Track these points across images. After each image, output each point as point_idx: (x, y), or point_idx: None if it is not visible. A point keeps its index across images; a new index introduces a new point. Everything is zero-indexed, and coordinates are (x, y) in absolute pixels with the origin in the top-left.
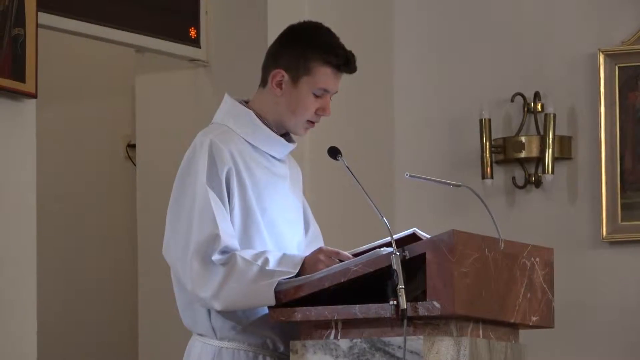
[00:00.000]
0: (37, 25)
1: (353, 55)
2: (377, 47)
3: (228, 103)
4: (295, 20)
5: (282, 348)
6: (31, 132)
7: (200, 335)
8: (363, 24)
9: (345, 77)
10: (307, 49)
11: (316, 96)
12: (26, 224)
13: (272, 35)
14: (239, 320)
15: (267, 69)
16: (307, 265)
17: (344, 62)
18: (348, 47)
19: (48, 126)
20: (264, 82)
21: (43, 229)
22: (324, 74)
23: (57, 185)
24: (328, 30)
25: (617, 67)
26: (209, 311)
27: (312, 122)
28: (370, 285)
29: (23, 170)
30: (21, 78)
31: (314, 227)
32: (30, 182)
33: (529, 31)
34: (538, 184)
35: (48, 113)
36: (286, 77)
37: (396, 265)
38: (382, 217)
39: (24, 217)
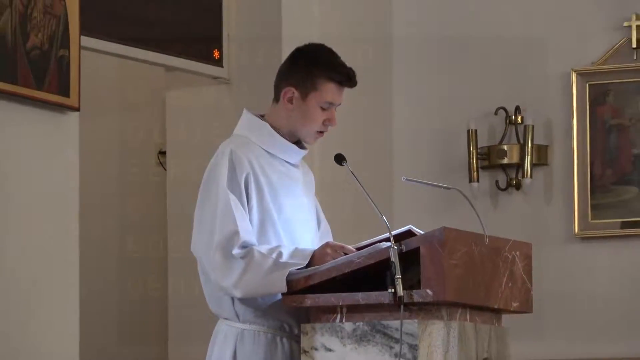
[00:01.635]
0: (80, 47)
1: (353, 72)
2: (378, 67)
3: (246, 117)
4: (306, 42)
5: (296, 331)
6: (75, 140)
7: (226, 319)
8: (365, 45)
9: (350, 95)
10: (313, 68)
11: (323, 109)
12: (70, 221)
13: (286, 56)
14: (258, 306)
15: (278, 87)
16: (316, 257)
17: (346, 78)
18: (353, 66)
19: (89, 136)
20: (276, 99)
21: (84, 225)
22: (329, 89)
23: (96, 187)
24: (330, 50)
25: (588, 85)
26: (232, 298)
27: (321, 132)
28: (371, 275)
29: (68, 173)
30: (66, 93)
31: (325, 224)
32: (73, 183)
33: (510, 53)
34: (518, 187)
35: (89, 124)
36: (296, 93)
37: (394, 257)
38: (382, 216)
39: (69, 214)
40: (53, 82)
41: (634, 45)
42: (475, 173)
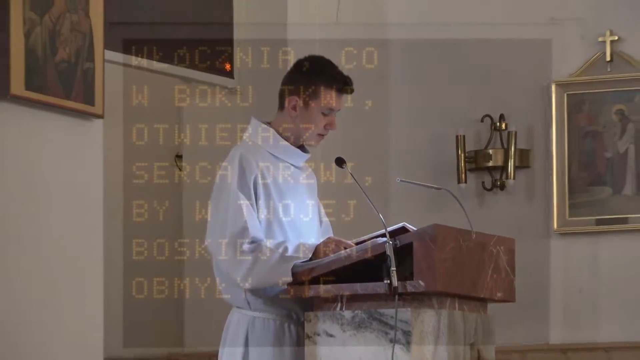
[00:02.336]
0: (104, 60)
1: (350, 79)
2: (377, 80)
3: (254, 124)
4: (307, 57)
5: (302, 318)
6: (99, 144)
7: (238, 307)
8: (364, 60)
9: (352, 105)
10: (314, 77)
11: (324, 114)
12: (95, 220)
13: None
14: (268, 295)
15: (282, 95)
16: (318, 251)
17: (344, 86)
18: (353, 78)
19: (112, 140)
20: (281, 106)
21: (107, 221)
22: (329, 96)
23: (119, 187)
24: (329, 61)
25: (566, 95)
26: (243, 289)
27: (322, 135)
28: (368, 267)
29: (93, 175)
30: (91, 102)
31: (326, 221)
32: (98, 184)
33: (496, 66)
34: (502, 187)
35: (112, 130)
36: (299, 101)
37: (389, 251)
38: (379, 214)
39: (94, 213)
40: (79, 92)
41: (608, 59)
42: (463, 175)
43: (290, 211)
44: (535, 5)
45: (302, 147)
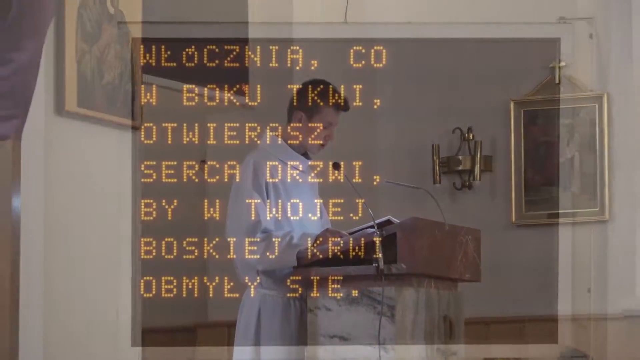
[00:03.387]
0: (142, 82)
1: (347, 99)
2: (367, 97)
3: (267, 134)
4: (308, 77)
5: (305, 295)
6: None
7: (252, 286)
8: (358, 82)
9: (348, 119)
10: (317, 97)
11: (324, 127)
12: (126, 216)
13: (294, 88)
14: (277, 277)
15: (290, 111)
16: (318, 240)
17: (342, 104)
18: (349, 96)
19: (148, 148)
20: (289, 120)
21: (138, 218)
22: (329, 113)
23: (152, 186)
24: (329, 83)
25: (522, 111)
26: (257, 270)
27: (322, 145)
28: (360, 253)
29: (131, 176)
30: (132, 116)
31: (325, 216)
32: (131, 184)
33: (464, 86)
34: (470, 187)
35: (148, 139)
36: (304, 116)
37: (377, 240)
38: (368, 209)
39: (133, 210)
40: (122, 108)
41: (557, 81)
42: (438, 177)
43: (296, 207)
44: (505, 27)
45: (305, 154)
